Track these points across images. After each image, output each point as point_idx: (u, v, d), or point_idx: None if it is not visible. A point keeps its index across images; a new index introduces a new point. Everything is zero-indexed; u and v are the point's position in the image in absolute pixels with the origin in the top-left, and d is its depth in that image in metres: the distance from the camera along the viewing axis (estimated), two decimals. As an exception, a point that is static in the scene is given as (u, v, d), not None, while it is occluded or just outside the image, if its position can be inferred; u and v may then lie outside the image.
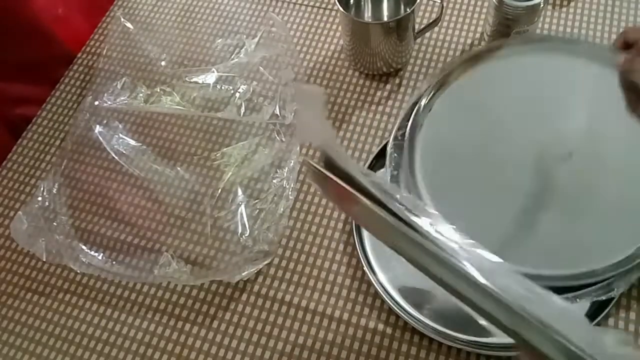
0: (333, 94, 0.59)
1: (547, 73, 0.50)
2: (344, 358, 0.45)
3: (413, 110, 0.50)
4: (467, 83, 0.51)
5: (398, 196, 0.31)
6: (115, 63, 0.64)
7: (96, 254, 0.52)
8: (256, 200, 0.53)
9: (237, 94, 0.59)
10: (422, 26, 0.59)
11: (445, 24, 0.62)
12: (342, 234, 0.51)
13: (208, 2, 0.68)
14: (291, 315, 0.48)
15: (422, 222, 0.30)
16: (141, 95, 0.61)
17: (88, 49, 0.67)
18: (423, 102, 0.50)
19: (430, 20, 0.59)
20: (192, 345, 0.48)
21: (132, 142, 0.58)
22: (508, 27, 0.54)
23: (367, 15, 0.61)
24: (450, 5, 0.63)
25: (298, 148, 0.55)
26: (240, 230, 0.51)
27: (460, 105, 0.50)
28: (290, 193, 0.53)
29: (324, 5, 0.65)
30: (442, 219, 0.30)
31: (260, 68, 0.61)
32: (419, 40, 0.61)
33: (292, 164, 0.54)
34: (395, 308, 0.46)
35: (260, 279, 0.50)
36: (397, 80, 0.59)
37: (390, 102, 0.58)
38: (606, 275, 0.41)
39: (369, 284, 0.48)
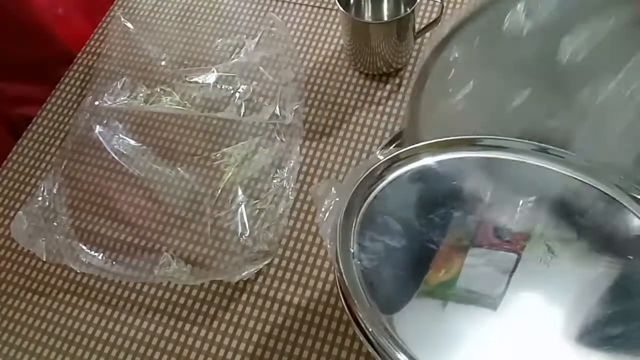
0: (333, 94, 0.59)
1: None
2: (344, 358, 0.45)
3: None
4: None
5: None
6: (116, 63, 0.64)
7: (96, 254, 0.52)
8: (256, 201, 0.53)
9: (237, 94, 0.59)
10: (422, 26, 0.59)
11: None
12: (342, 234, 0.51)
13: (208, 2, 0.68)
14: (291, 315, 0.48)
15: None
16: (141, 95, 0.61)
17: (88, 48, 0.67)
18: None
19: (430, 20, 0.59)
20: (192, 345, 0.48)
21: (132, 142, 0.58)
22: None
23: (367, 15, 0.61)
24: (450, 5, 0.63)
25: (298, 148, 0.55)
26: (240, 230, 0.51)
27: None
28: (290, 193, 0.53)
29: (324, 5, 0.65)
30: None
31: (260, 68, 0.61)
32: (419, 40, 0.61)
33: (292, 164, 0.54)
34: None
35: (260, 279, 0.50)
36: (397, 80, 0.59)
37: (390, 102, 0.58)
38: None
39: (369, 284, 0.48)
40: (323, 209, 0.40)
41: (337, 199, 0.40)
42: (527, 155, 0.42)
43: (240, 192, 0.54)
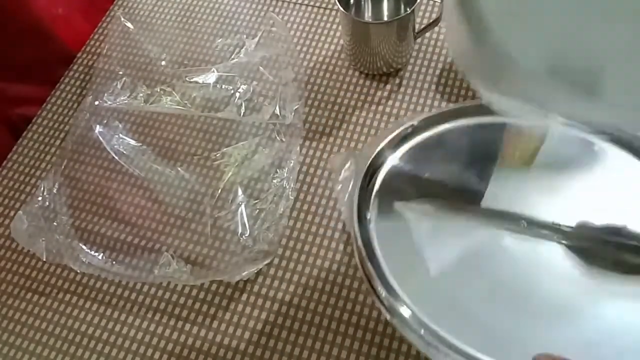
0: (333, 94, 0.59)
1: None
2: (344, 358, 0.45)
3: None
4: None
5: None
6: (115, 63, 0.64)
7: (96, 254, 0.52)
8: (256, 200, 0.53)
9: (237, 94, 0.59)
10: (422, 26, 0.59)
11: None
12: (342, 234, 0.51)
13: (208, 2, 0.68)
14: (291, 315, 0.48)
15: None
16: (141, 95, 0.61)
17: (88, 48, 0.67)
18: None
19: (430, 20, 0.59)
20: (192, 345, 0.48)
21: (132, 142, 0.58)
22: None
23: (367, 15, 0.61)
24: (451, 5, 0.63)
25: (298, 148, 0.55)
26: (240, 230, 0.51)
27: None
28: (290, 193, 0.53)
29: (324, 5, 0.65)
30: None
31: (261, 68, 0.61)
32: (419, 40, 0.61)
33: (292, 164, 0.54)
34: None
35: (260, 279, 0.50)
36: (397, 80, 0.59)
37: (390, 102, 0.58)
38: None
39: (369, 284, 0.48)
40: (340, 179, 0.41)
41: (354, 168, 0.40)
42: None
43: (240, 192, 0.53)
